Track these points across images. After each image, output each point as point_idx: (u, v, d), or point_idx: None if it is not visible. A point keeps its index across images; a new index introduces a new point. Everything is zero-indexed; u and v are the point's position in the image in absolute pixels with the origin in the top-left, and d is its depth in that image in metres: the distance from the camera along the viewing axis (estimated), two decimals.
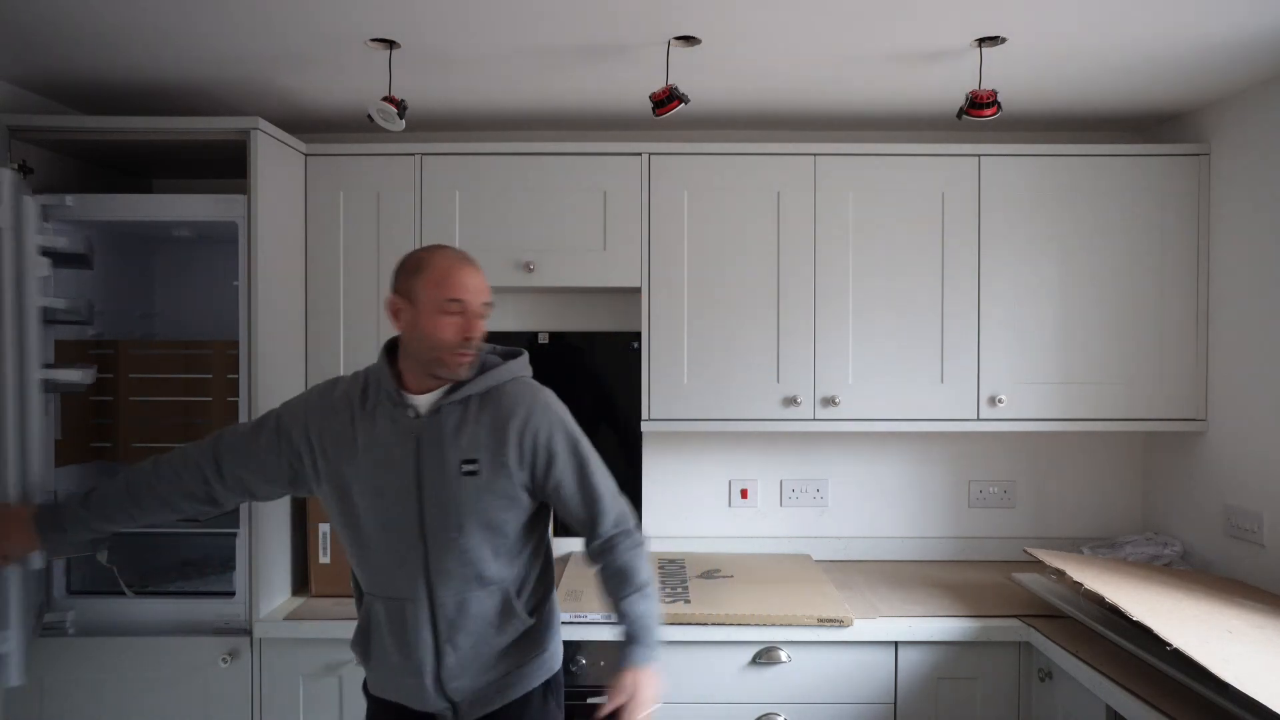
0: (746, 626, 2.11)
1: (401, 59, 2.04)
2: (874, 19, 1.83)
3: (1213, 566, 2.38)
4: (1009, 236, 2.40)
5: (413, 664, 1.63)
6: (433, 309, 1.57)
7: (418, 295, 1.58)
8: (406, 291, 1.60)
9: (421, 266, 1.60)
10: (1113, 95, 2.35)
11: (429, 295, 1.57)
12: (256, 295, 2.15)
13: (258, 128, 2.15)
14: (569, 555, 2.70)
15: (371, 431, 1.62)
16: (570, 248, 2.42)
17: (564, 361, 2.73)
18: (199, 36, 1.93)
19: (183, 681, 2.14)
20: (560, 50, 2.01)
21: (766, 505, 2.76)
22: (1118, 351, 2.41)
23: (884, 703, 2.14)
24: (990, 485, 2.75)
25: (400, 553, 1.61)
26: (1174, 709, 1.62)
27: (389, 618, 1.64)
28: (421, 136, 2.64)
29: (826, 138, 2.70)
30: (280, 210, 2.29)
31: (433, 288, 1.57)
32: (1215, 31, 1.89)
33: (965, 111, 2.05)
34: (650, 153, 2.41)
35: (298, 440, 1.66)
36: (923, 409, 2.41)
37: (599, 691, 2.12)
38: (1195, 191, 2.40)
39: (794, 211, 2.41)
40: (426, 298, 1.57)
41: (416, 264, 1.61)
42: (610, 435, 2.73)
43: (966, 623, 2.13)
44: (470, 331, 1.59)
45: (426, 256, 1.62)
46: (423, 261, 1.61)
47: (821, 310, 2.41)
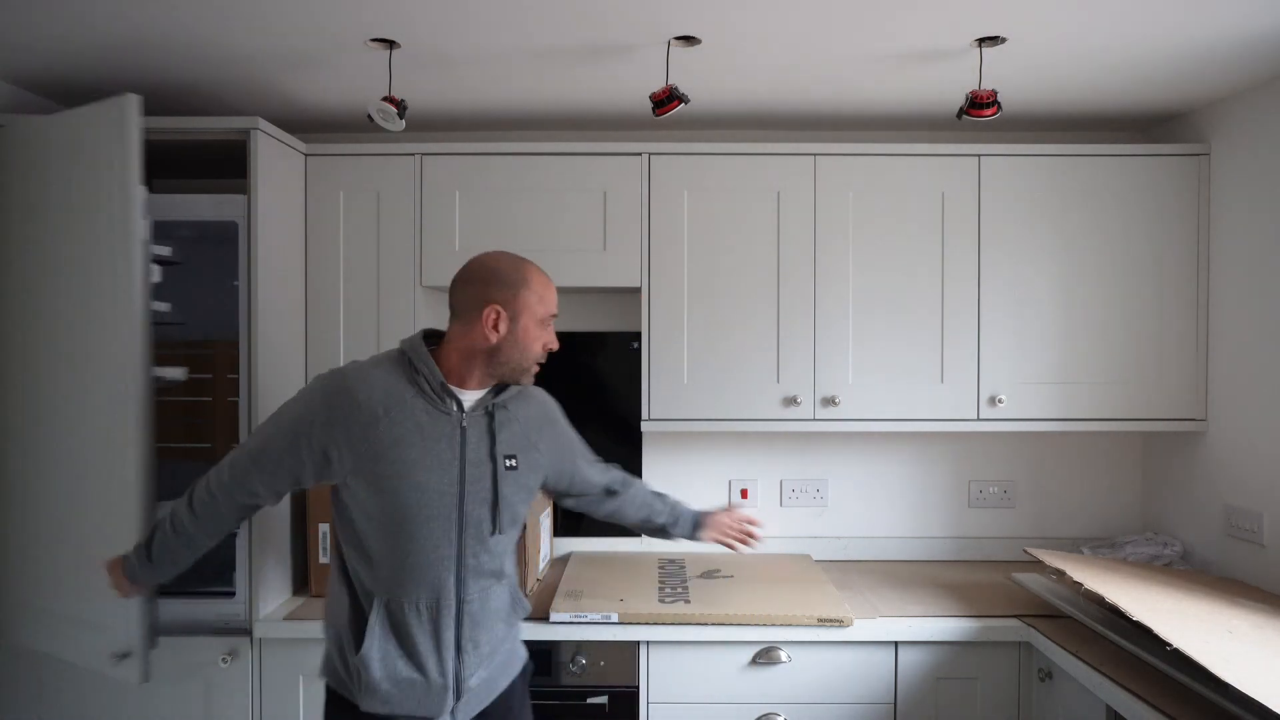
0: (746, 626, 2.11)
1: (401, 59, 2.05)
2: (874, 19, 1.83)
3: (1213, 566, 2.38)
4: (1009, 236, 2.40)
5: (434, 666, 1.61)
6: (534, 322, 1.64)
7: (520, 307, 1.63)
8: (509, 302, 1.62)
9: (527, 281, 1.64)
10: (1113, 95, 2.35)
11: (532, 310, 1.64)
12: (256, 295, 2.15)
13: (258, 128, 2.15)
14: (569, 555, 2.70)
15: (414, 424, 1.59)
16: (570, 248, 2.42)
17: (564, 361, 2.72)
18: (199, 36, 1.93)
19: (183, 681, 2.14)
20: (560, 50, 2.01)
21: (766, 505, 2.76)
22: (1118, 351, 2.41)
23: (884, 703, 2.14)
24: (990, 485, 2.75)
25: (438, 548, 1.61)
26: (1174, 709, 1.62)
27: (410, 618, 1.60)
28: (421, 136, 2.64)
29: (826, 138, 2.70)
30: (280, 210, 2.29)
31: (537, 303, 1.64)
32: (1216, 31, 1.89)
33: (965, 111, 2.05)
34: (650, 153, 2.41)
35: (326, 437, 1.59)
36: (923, 409, 2.41)
37: (599, 691, 2.13)
38: (1195, 191, 2.40)
39: (794, 211, 2.41)
40: (530, 312, 1.64)
41: (520, 278, 1.64)
42: (610, 435, 2.73)
43: (966, 623, 2.13)
44: (554, 344, 1.70)
45: (528, 270, 1.66)
46: (526, 276, 1.65)
47: (821, 310, 2.41)
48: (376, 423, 1.57)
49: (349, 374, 1.62)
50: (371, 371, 1.62)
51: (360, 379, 1.61)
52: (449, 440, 1.62)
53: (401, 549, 1.60)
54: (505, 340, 1.62)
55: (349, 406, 1.58)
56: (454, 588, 1.62)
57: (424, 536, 1.60)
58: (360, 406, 1.58)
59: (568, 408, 1.88)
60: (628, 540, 2.74)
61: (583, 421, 2.81)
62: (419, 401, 1.61)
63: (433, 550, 1.60)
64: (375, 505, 1.59)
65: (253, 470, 1.64)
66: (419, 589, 1.61)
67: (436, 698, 1.62)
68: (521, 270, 1.65)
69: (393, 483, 1.58)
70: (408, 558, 1.60)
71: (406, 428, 1.59)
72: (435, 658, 1.61)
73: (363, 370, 1.63)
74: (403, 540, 1.59)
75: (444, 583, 1.62)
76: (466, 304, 1.63)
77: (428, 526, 1.60)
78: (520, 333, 1.63)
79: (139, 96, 1.90)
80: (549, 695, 2.13)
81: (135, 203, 1.89)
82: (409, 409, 1.60)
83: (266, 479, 1.64)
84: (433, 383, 1.61)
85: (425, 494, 1.59)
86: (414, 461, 1.58)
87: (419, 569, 1.60)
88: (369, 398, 1.58)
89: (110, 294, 1.91)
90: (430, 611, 1.61)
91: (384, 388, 1.60)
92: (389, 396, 1.59)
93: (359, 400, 1.58)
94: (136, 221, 1.89)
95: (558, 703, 2.13)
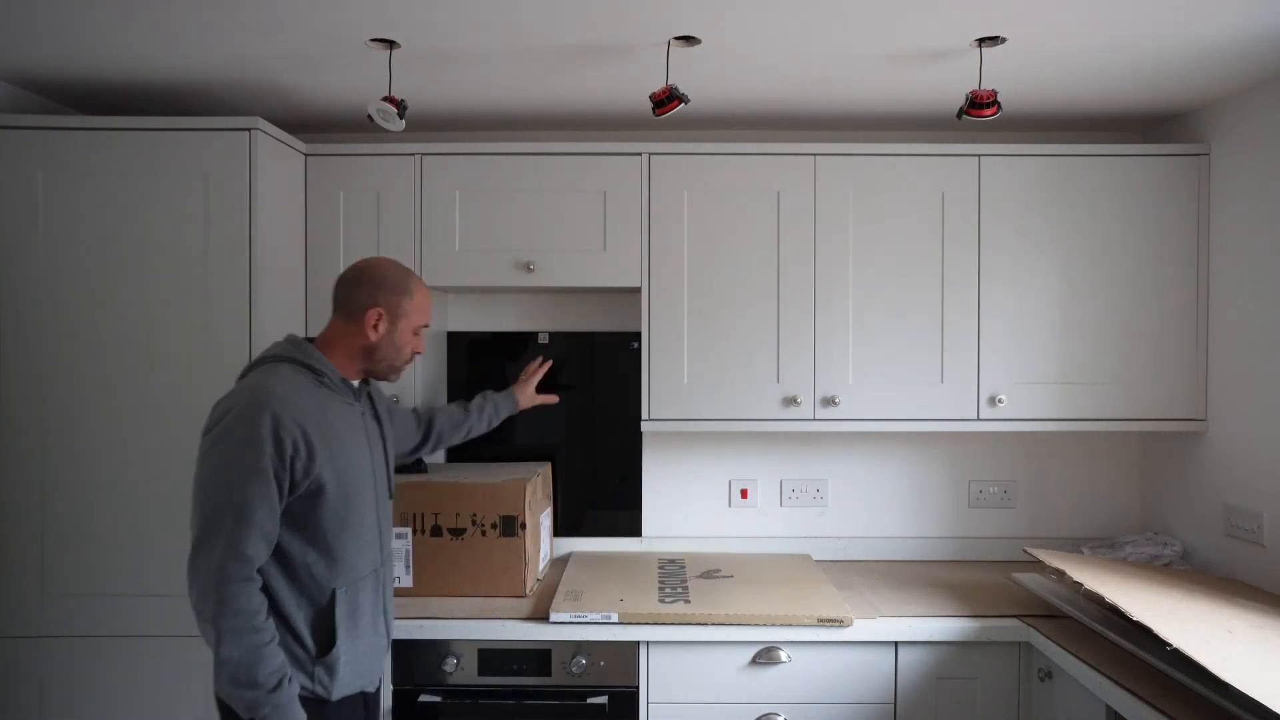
0: (746, 626, 2.11)
1: (401, 59, 2.04)
2: (874, 19, 1.83)
3: (1213, 566, 2.38)
4: (1009, 236, 2.40)
5: (379, 635, 1.82)
6: (409, 329, 1.83)
7: (399, 314, 1.80)
8: (392, 308, 1.79)
9: (409, 291, 1.82)
10: (1113, 95, 2.35)
11: (410, 317, 1.82)
12: (257, 295, 2.15)
13: (258, 128, 2.15)
14: (569, 555, 2.70)
15: (339, 417, 1.74)
16: (570, 248, 2.42)
17: (564, 361, 2.73)
18: (199, 36, 1.93)
19: (183, 681, 2.14)
20: (560, 50, 2.01)
21: (766, 505, 2.76)
22: (1118, 351, 2.41)
23: (884, 703, 2.14)
24: (990, 485, 2.75)
25: (375, 523, 1.81)
26: (1174, 709, 1.62)
27: (363, 596, 1.76)
28: (421, 136, 2.64)
29: (826, 138, 2.70)
30: (280, 210, 2.29)
31: (415, 311, 1.83)
32: (1215, 32, 1.89)
33: (965, 111, 2.04)
34: (650, 153, 2.41)
35: (294, 454, 1.61)
36: (923, 409, 2.41)
37: (599, 691, 2.13)
38: (1195, 191, 2.40)
39: (794, 211, 2.41)
40: (408, 319, 1.81)
41: (405, 286, 1.82)
42: (610, 435, 2.73)
43: (966, 623, 2.13)
44: (421, 350, 1.88)
45: (411, 281, 1.84)
46: (409, 286, 1.83)
47: (821, 310, 2.41)
48: (321, 425, 1.68)
49: (279, 392, 1.63)
50: (288, 383, 1.66)
51: (290, 392, 1.65)
52: (359, 425, 1.80)
53: (356, 532, 1.74)
54: (383, 341, 1.79)
55: (301, 420, 1.63)
56: (380, 555, 1.83)
57: (367, 516, 1.78)
58: (307, 415, 1.65)
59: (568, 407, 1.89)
60: (628, 540, 2.74)
61: (583, 421, 2.83)
62: (333, 399, 1.74)
63: (370, 527, 1.79)
64: (340, 500, 1.70)
65: (253, 533, 1.58)
66: (369, 563, 1.78)
67: (380, 659, 1.85)
68: (407, 280, 1.83)
69: (349, 474, 1.73)
70: (361, 538, 1.76)
71: (338, 424, 1.73)
72: (378, 622, 1.81)
73: (278, 387, 1.64)
74: (356, 524, 1.74)
75: (377, 553, 1.81)
76: (352, 304, 1.78)
77: (365, 504, 1.77)
78: (397, 336, 1.80)
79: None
80: (549, 695, 2.14)
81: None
82: (331, 407, 1.73)
83: (268, 531, 1.60)
84: (335, 379, 1.76)
85: (363, 478, 1.77)
86: (352, 451, 1.75)
87: (367, 546, 1.78)
88: (307, 405, 1.67)
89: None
90: (372, 582, 1.79)
91: (308, 393, 1.69)
92: (315, 399, 1.70)
93: (304, 410, 1.65)
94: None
95: (558, 703, 2.13)
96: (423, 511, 2.26)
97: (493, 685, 2.14)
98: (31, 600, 2.14)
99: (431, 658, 2.14)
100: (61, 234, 2.14)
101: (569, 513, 2.74)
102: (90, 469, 2.15)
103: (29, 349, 2.14)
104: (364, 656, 1.77)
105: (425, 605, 2.21)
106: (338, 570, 1.71)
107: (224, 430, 1.59)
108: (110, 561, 2.15)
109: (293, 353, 1.73)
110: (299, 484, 1.63)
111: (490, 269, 2.42)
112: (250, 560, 1.58)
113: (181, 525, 2.13)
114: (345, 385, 1.78)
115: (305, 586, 1.68)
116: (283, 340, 1.77)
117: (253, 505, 1.57)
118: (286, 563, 1.67)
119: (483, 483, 2.30)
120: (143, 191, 2.15)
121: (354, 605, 1.73)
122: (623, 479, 2.75)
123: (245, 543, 1.56)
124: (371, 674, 1.82)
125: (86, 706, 2.15)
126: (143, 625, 2.15)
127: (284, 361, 1.71)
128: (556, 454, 2.73)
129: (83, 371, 2.14)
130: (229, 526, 1.56)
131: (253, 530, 1.57)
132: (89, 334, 2.15)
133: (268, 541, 1.61)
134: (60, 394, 2.14)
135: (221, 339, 2.15)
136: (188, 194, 2.15)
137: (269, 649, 1.57)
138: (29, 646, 2.14)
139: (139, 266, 2.15)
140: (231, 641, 1.54)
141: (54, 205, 2.14)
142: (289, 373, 1.69)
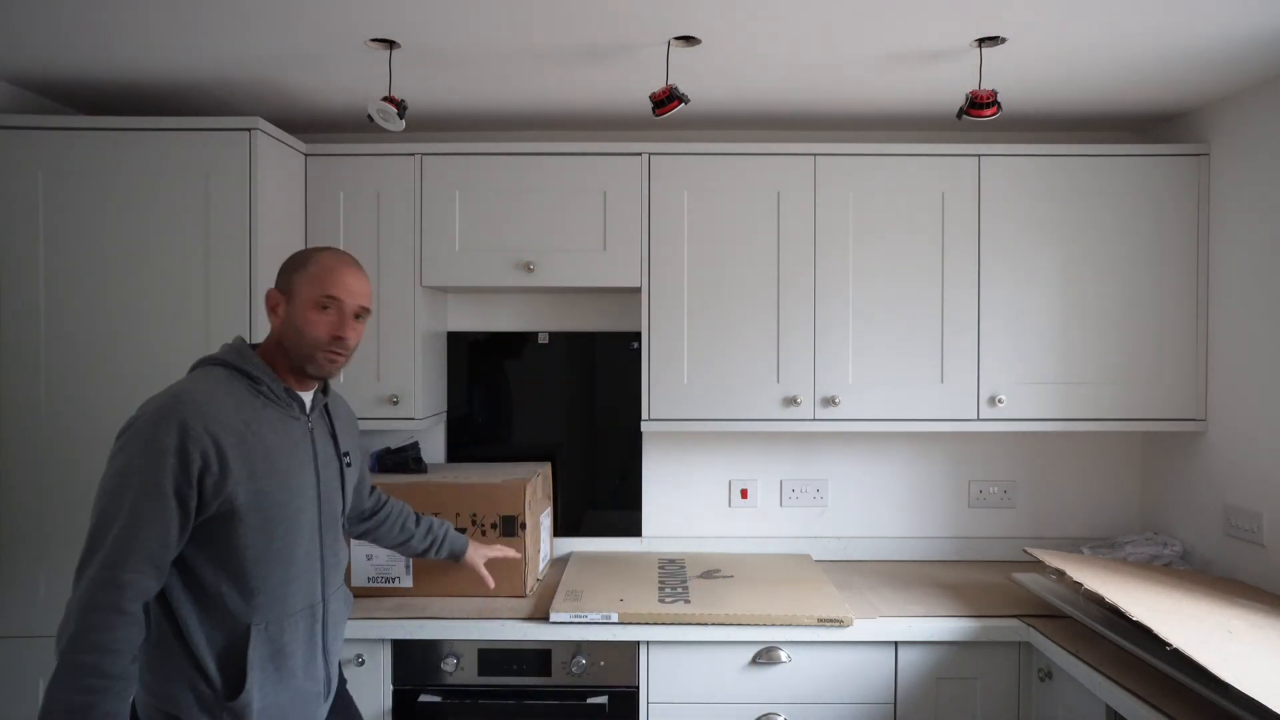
0: (746, 626, 2.11)
1: (401, 59, 2.05)
2: (874, 19, 1.83)
3: (1213, 566, 2.38)
4: (1009, 236, 2.40)
5: (313, 682, 1.61)
6: (307, 305, 1.57)
7: (296, 290, 1.58)
8: (286, 286, 1.60)
9: (304, 264, 1.60)
10: (1113, 95, 2.35)
11: (306, 291, 1.58)
12: (257, 295, 2.15)
13: (258, 128, 2.16)
14: (569, 555, 2.70)
15: (274, 432, 1.54)
16: (570, 248, 2.42)
17: (564, 361, 2.73)
18: (199, 36, 1.93)
19: None
20: (560, 50, 2.01)
21: (766, 505, 2.76)
22: (1117, 351, 2.41)
23: (884, 703, 2.14)
24: (990, 485, 2.75)
25: (309, 553, 1.60)
26: (1174, 709, 1.62)
27: (288, 635, 1.55)
28: (421, 136, 2.65)
29: (826, 138, 2.70)
30: (280, 210, 2.29)
31: (311, 284, 1.58)
32: (1215, 31, 1.89)
33: (965, 111, 2.04)
34: (650, 153, 2.41)
35: (204, 468, 1.44)
36: (923, 409, 2.41)
37: (599, 691, 2.13)
38: (1195, 191, 2.40)
39: (794, 211, 2.41)
40: (303, 294, 1.58)
41: (300, 262, 1.62)
42: (610, 435, 2.73)
43: (966, 623, 2.13)
44: (341, 330, 1.58)
45: (310, 254, 1.63)
46: (306, 258, 1.62)
47: (821, 310, 2.41)
48: (243, 440, 1.48)
49: (197, 399, 1.47)
50: (211, 390, 1.50)
51: (209, 400, 1.48)
52: (303, 443, 1.60)
53: (285, 562, 1.54)
54: (284, 325, 1.58)
55: (214, 431, 1.45)
56: (320, 590, 1.63)
57: (300, 544, 1.57)
58: (225, 427, 1.46)
59: (568, 407, 1.87)
60: (628, 540, 2.74)
61: (583, 421, 2.83)
62: (270, 410, 1.56)
63: (305, 557, 1.59)
64: (259, 525, 1.50)
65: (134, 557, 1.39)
66: (297, 600, 1.57)
67: (314, 706, 1.62)
68: (307, 255, 1.62)
69: (273, 497, 1.51)
70: (290, 569, 1.55)
71: (270, 439, 1.53)
72: (312, 666, 1.61)
73: (203, 392, 1.49)
74: (285, 553, 1.54)
75: (315, 587, 1.61)
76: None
77: (303, 533, 1.57)
78: (295, 315, 1.57)
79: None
80: (549, 695, 2.14)
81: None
82: (264, 419, 1.54)
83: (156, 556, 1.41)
84: (275, 389, 1.57)
85: (299, 500, 1.56)
86: (285, 470, 1.54)
87: (298, 579, 1.57)
88: (228, 416, 1.48)
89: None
90: (306, 620, 1.59)
91: (234, 402, 1.51)
92: (243, 410, 1.51)
93: (221, 421, 1.46)
94: None
95: (557, 703, 2.13)
96: (423, 512, 2.27)
97: (493, 685, 2.14)
98: (31, 600, 2.14)
99: (431, 658, 2.14)
100: (61, 234, 2.14)
101: (569, 513, 2.74)
102: (90, 469, 2.14)
103: (29, 349, 2.14)
104: (289, 705, 1.55)
105: (425, 605, 2.21)
106: (255, 604, 1.50)
107: (130, 436, 1.44)
108: None
109: (230, 356, 1.57)
110: (208, 503, 1.44)
111: (490, 269, 2.42)
112: (124, 587, 1.37)
113: None
114: (289, 396, 1.59)
115: (217, 618, 1.49)
116: (231, 341, 1.62)
117: (140, 526, 1.39)
118: (198, 589, 1.48)
119: (483, 482, 2.30)
120: (143, 191, 2.15)
121: (276, 645, 1.52)
122: (623, 479, 2.75)
123: (123, 567, 1.37)
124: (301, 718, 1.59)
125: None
126: None
127: (219, 365, 1.56)
128: (556, 454, 2.73)
129: (82, 371, 2.14)
130: (107, 546, 1.38)
131: (135, 554, 1.38)
132: (89, 334, 2.15)
133: (156, 569, 1.41)
134: (60, 394, 2.14)
135: (221, 339, 2.13)
136: (188, 194, 2.15)
137: (108, 709, 1.35)
138: (29, 646, 2.14)
139: (139, 266, 2.15)
140: (66, 680, 1.34)
141: (54, 205, 2.14)
142: (219, 378, 1.53)
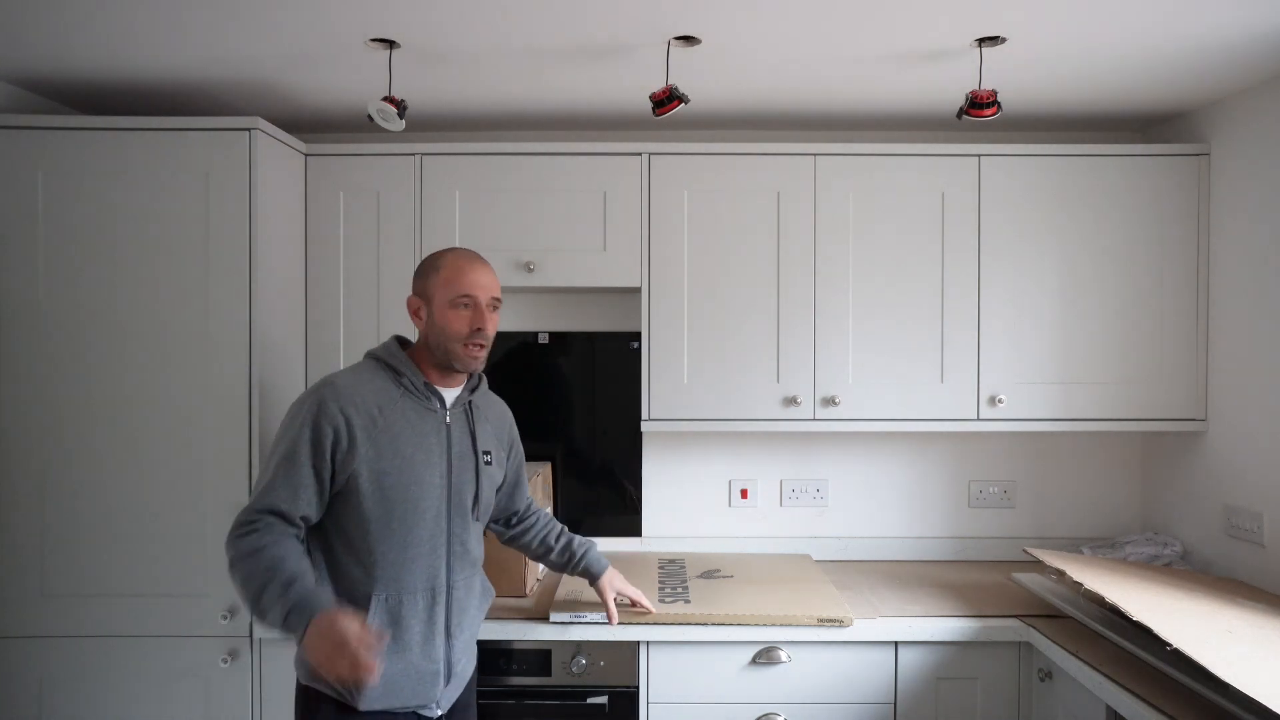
0: (746, 626, 2.11)
1: (401, 59, 2.05)
2: (874, 19, 1.83)
3: (1213, 566, 2.38)
4: (1009, 236, 2.40)
5: (430, 653, 1.71)
6: (445, 306, 1.72)
7: (433, 294, 1.73)
8: (423, 291, 1.76)
9: (437, 267, 1.75)
10: (1113, 95, 2.35)
11: (442, 294, 1.72)
12: (256, 295, 2.15)
13: (258, 128, 2.15)
14: None
15: (405, 422, 1.71)
16: (570, 248, 2.42)
17: (564, 361, 2.73)
18: (199, 36, 1.93)
19: (183, 681, 2.14)
20: (560, 50, 2.01)
21: (766, 505, 2.76)
22: (1118, 351, 2.41)
23: (884, 703, 2.13)
24: (990, 485, 2.75)
25: (433, 538, 1.72)
26: (1174, 709, 1.62)
27: (407, 610, 1.69)
28: (421, 136, 2.64)
29: (826, 138, 2.70)
30: (280, 210, 2.29)
31: (445, 287, 1.73)
32: (1215, 31, 1.89)
33: (965, 111, 2.05)
34: (650, 153, 2.41)
35: (335, 441, 1.65)
36: (923, 409, 2.41)
37: (599, 691, 2.13)
38: (1195, 191, 2.40)
39: (794, 211, 2.41)
40: (440, 296, 1.73)
41: (432, 265, 1.76)
42: (610, 435, 2.73)
43: (966, 623, 2.13)
44: (479, 323, 1.73)
45: (440, 257, 1.77)
46: (437, 263, 1.76)
47: (821, 310, 2.41)
48: (374, 423, 1.67)
49: (339, 384, 1.70)
50: (358, 378, 1.72)
51: (352, 386, 1.70)
52: (436, 435, 1.74)
53: (402, 541, 1.69)
54: (428, 326, 1.74)
55: (348, 411, 1.66)
56: (445, 575, 1.74)
57: (422, 528, 1.70)
58: (358, 409, 1.67)
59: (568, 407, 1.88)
60: (628, 540, 2.74)
61: (583, 421, 2.83)
62: (407, 401, 1.72)
63: (428, 540, 1.71)
64: (378, 502, 1.67)
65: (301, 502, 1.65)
66: (417, 579, 1.70)
67: (430, 684, 1.71)
68: (437, 259, 1.77)
69: (394, 478, 1.67)
70: (408, 549, 1.69)
71: (400, 426, 1.70)
72: (430, 645, 1.71)
73: (350, 379, 1.72)
74: (403, 533, 1.68)
75: (438, 571, 1.73)
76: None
77: (424, 518, 1.71)
78: (435, 316, 1.73)
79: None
80: (549, 695, 2.14)
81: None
82: (399, 409, 1.71)
83: (287, 513, 1.64)
84: (416, 382, 1.73)
85: (422, 487, 1.70)
86: (410, 457, 1.69)
87: (418, 560, 1.70)
88: (364, 401, 1.68)
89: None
90: (426, 600, 1.71)
91: (374, 390, 1.70)
92: (380, 397, 1.70)
93: (356, 404, 1.67)
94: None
95: (557, 703, 2.13)
96: None
97: (493, 685, 2.14)
98: (31, 600, 2.14)
99: None
100: (61, 234, 2.14)
101: (569, 513, 2.74)
102: (90, 468, 2.14)
103: (29, 349, 2.14)
104: (403, 676, 1.67)
105: None
106: (375, 576, 1.67)
107: (290, 410, 1.70)
108: (110, 561, 2.15)
109: (381, 351, 1.77)
110: (338, 475, 1.66)
111: None
112: (256, 523, 1.61)
113: (182, 525, 2.15)
114: (428, 389, 1.74)
115: (344, 585, 1.68)
116: (390, 340, 1.81)
117: (277, 482, 1.63)
118: (330, 556, 1.70)
119: None
120: (143, 191, 2.15)
121: (395, 618, 1.67)
122: (623, 479, 2.75)
123: (257, 509, 1.62)
124: (417, 698, 1.70)
125: (86, 706, 2.15)
126: (143, 625, 2.15)
127: (372, 358, 1.77)
128: (556, 454, 2.73)
129: (82, 371, 2.14)
130: (260, 488, 1.65)
131: (274, 495, 1.62)
132: (89, 334, 2.14)
133: (284, 509, 1.62)
134: (60, 394, 2.14)
135: (221, 339, 2.15)
136: (188, 194, 2.15)
137: (266, 552, 1.58)
138: (29, 646, 2.14)
139: (139, 266, 2.15)
140: (234, 567, 1.60)
141: (54, 205, 2.14)
142: (367, 368, 1.75)
